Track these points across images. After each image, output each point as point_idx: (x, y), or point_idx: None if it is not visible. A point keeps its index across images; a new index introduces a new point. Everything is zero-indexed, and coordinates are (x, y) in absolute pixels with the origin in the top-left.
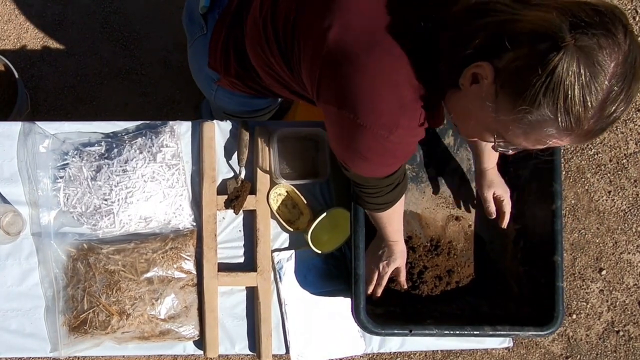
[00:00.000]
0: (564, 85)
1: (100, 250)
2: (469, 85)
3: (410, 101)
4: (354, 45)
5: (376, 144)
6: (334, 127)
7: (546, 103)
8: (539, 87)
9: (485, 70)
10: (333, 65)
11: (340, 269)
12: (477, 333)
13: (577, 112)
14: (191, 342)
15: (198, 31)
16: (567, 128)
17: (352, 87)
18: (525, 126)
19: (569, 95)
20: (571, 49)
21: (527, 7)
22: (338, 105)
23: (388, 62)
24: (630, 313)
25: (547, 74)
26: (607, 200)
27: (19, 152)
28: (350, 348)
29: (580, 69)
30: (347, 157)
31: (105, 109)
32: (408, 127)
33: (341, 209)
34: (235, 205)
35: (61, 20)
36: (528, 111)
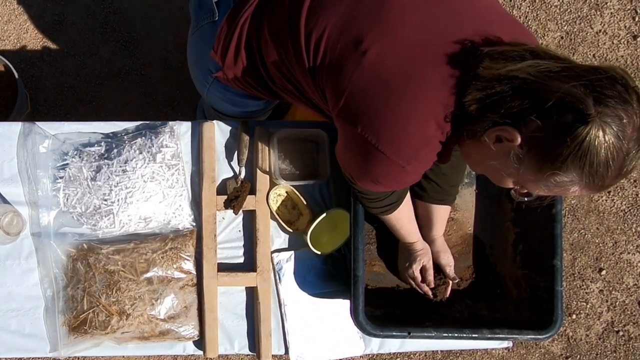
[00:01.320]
0: (591, 153)
1: (100, 250)
2: (492, 143)
3: (433, 137)
4: (391, 72)
5: (390, 172)
6: (350, 145)
7: (573, 168)
8: (567, 155)
9: (511, 135)
10: (364, 89)
11: (340, 270)
12: (475, 336)
13: (601, 174)
14: (191, 342)
15: (207, 17)
16: (589, 186)
17: (381, 114)
18: (550, 184)
19: (594, 162)
20: (597, 122)
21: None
22: (362, 127)
23: (423, 95)
24: (630, 313)
25: (575, 144)
26: (607, 201)
27: (18, 152)
28: (350, 348)
29: (605, 139)
30: (356, 174)
31: (105, 109)
32: (424, 161)
33: (341, 210)
34: (234, 205)
35: (61, 20)
36: (555, 174)
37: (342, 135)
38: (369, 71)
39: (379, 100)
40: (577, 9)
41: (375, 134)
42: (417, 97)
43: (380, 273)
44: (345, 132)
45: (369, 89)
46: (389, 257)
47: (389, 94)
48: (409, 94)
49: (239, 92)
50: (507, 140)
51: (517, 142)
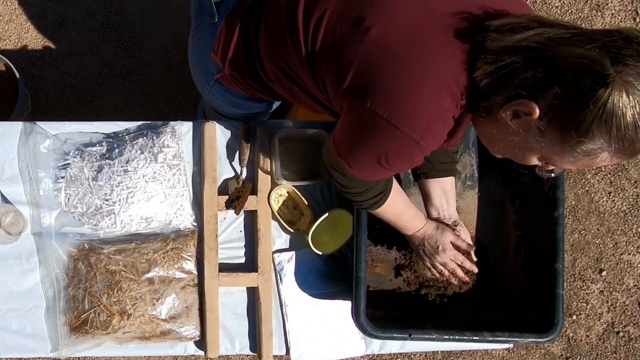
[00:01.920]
0: (617, 116)
1: (101, 250)
2: (510, 119)
3: (447, 110)
4: (398, 44)
5: (402, 148)
6: (357, 124)
7: (600, 133)
8: (592, 121)
9: (529, 108)
10: (373, 63)
11: (341, 271)
12: (476, 339)
13: (630, 136)
14: (192, 343)
15: (207, 19)
16: (619, 151)
17: (392, 87)
18: (577, 154)
19: (621, 124)
20: (618, 82)
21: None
22: (372, 102)
23: (433, 67)
24: (630, 314)
25: (598, 108)
26: (608, 201)
27: (20, 152)
28: (351, 349)
29: (630, 98)
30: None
31: (106, 109)
32: (438, 137)
33: (342, 211)
34: (236, 205)
35: (62, 20)
36: (581, 142)
37: (347, 116)
38: (375, 45)
39: (389, 73)
40: (578, 10)
41: (387, 108)
42: (428, 69)
43: (381, 274)
44: (351, 111)
45: (377, 62)
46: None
47: (399, 66)
48: (420, 66)
49: (240, 94)
50: (525, 114)
51: (536, 115)
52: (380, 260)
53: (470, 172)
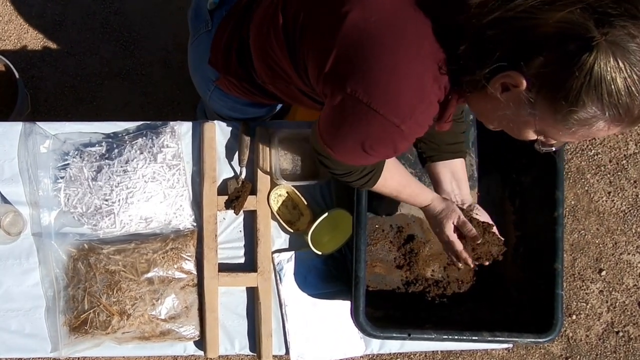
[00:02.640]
0: (606, 81)
1: (101, 250)
2: (500, 93)
3: (430, 93)
4: (376, 28)
5: (384, 134)
6: (337, 112)
7: (590, 101)
8: (580, 88)
9: (515, 80)
10: (351, 48)
11: (341, 271)
12: (475, 339)
13: (625, 103)
14: (191, 343)
15: (203, 27)
16: (615, 119)
17: (371, 70)
18: (572, 124)
19: (613, 90)
20: (604, 45)
21: (545, 10)
22: (351, 87)
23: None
24: (630, 314)
25: (585, 74)
26: (607, 201)
27: (19, 152)
28: (350, 349)
29: (618, 62)
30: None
31: (105, 109)
32: (420, 121)
33: (341, 210)
34: (235, 205)
35: (61, 20)
36: (573, 111)
37: (329, 102)
38: (354, 30)
39: (368, 58)
40: None
41: (367, 92)
42: (407, 52)
43: (381, 274)
44: (333, 97)
45: (356, 47)
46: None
47: (377, 50)
48: (399, 49)
49: (239, 100)
50: (513, 86)
51: (523, 86)
52: (379, 260)
53: (470, 172)
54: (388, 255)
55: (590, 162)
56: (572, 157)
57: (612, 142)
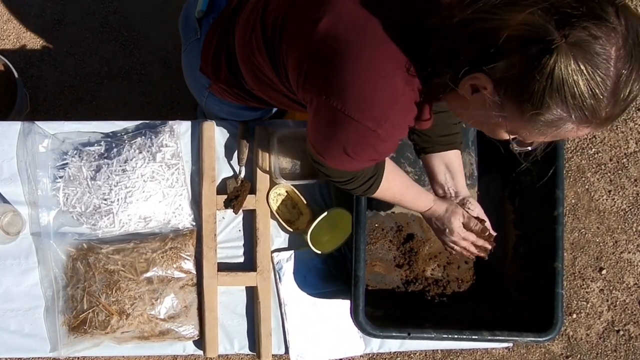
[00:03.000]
0: (568, 84)
1: (100, 250)
2: (470, 94)
3: (402, 94)
4: (347, 34)
5: (361, 139)
6: (317, 118)
7: (555, 103)
8: (542, 91)
9: (482, 82)
10: (324, 54)
11: (340, 270)
12: (475, 338)
13: (590, 105)
14: (191, 342)
15: (192, 35)
16: (583, 121)
17: (343, 76)
18: (541, 126)
19: (576, 93)
20: (564, 48)
21: (510, 10)
22: (326, 94)
23: (382, 51)
24: (630, 312)
25: (546, 77)
26: (608, 200)
27: (18, 151)
28: (350, 348)
29: (579, 64)
30: (327, 152)
31: (104, 109)
32: (396, 124)
33: (341, 210)
34: (234, 205)
35: (61, 20)
36: (539, 114)
37: (310, 110)
38: (327, 35)
39: (340, 64)
40: None
41: (340, 99)
42: (377, 57)
43: (380, 273)
44: (312, 105)
45: (329, 53)
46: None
47: (348, 56)
48: (370, 54)
49: (234, 104)
50: (483, 88)
51: (490, 89)
52: (379, 259)
53: (470, 171)
54: (388, 255)
55: (590, 160)
56: (573, 156)
57: (612, 141)
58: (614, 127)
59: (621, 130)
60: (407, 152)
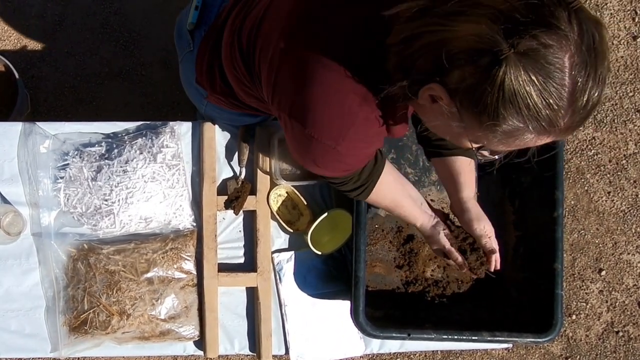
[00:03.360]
0: (520, 95)
1: (101, 250)
2: (430, 104)
3: (358, 113)
4: (304, 52)
5: (325, 155)
6: (288, 134)
7: (509, 115)
8: (496, 103)
9: (438, 92)
10: (286, 74)
11: (340, 271)
12: (475, 338)
13: (546, 115)
14: (191, 343)
15: (186, 47)
16: (542, 131)
17: (301, 97)
18: (500, 136)
19: (529, 104)
20: (512, 59)
21: (457, 21)
22: (289, 113)
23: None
24: (629, 314)
25: (497, 89)
26: (607, 201)
27: (19, 152)
28: (350, 349)
29: (530, 75)
30: (304, 163)
31: (105, 109)
32: (356, 139)
33: (341, 211)
34: (235, 205)
35: (61, 20)
36: (496, 124)
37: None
38: (288, 54)
39: (298, 84)
40: None
41: (301, 119)
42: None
43: (380, 274)
44: (281, 121)
45: (289, 75)
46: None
47: (304, 77)
48: (323, 75)
49: (233, 112)
50: (438, 99)
51: (446, 99)
52: (379, 260)
53: None
54: (388, 255)
55: (590, 162)
56: (572, 157)
57: (611, 142)
58: (613, 129)
59: (620, 131)
60: (407, 153)
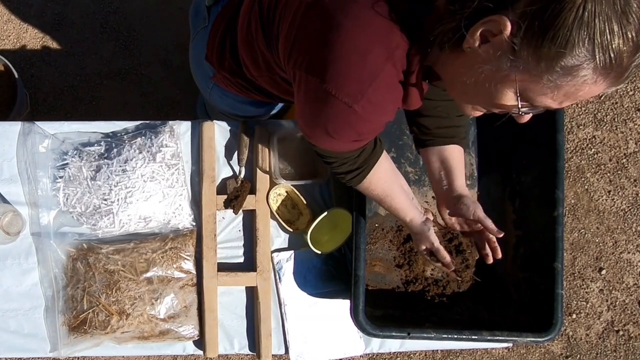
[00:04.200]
0: (600, 17)
1: (100, 250)
2: (478, 46)
3: (382, 70)
4: (331, 7)
5: (339, 116)
6: (301, 95)
7: (581, 41)
8: (572, 25)
9: (499, 24)
10: (308, 26)
11: (340, 270)
12: (475, 338)
13: (618, 46)
14: (191, 342)
15: (201, 23)
16: (605, 66)
17: (323, 49)
18: (557, 75)
19: (606, 29)
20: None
21: None
22: (306, 68)
23: (364, 26)
24: (630, 312)
25: (577, 7)
26: (607, 200)
27: (18, 152)
28: (350, 348)
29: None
30: (311, 132)
31: (104, 109)
32: (375, 102)
33: (341, 210)
34: (234, 205)
35: (61, 20)
36: (561, 55)
37: (294, 85)
38: (311, 8)
39: (321, 38)
40: None
41: (320, 72)
42: (357, 28)
43: (380, 273)
44: (295, 79)
45: (311, 26)
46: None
47: (329, 30)
48: (350, 25)
49: (238, 97)
50: (494, 34)
51: (508, 30)
52: (379, 259)
53: (470, 171)
54: (387, 254)
55: (590, 160)
56: (572, 156)
57: (612, 141)
58: (613, 128)
59: (621, 130)
60: (407, 152)
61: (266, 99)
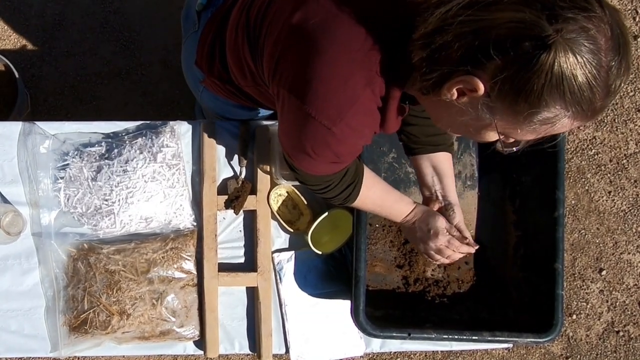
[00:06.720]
0: (567, 79)
1: (101, 250)
2: (456, 98)
3: (360, 96)
4: (316, 27)
5: (318, 136)
6: (284, 112)
7: (553, 100)
8: (541, 89)
9: (472, 84)
10: (292, 47)
11: (341, 270)
12: (475, 338)
13: (587, 97)
14: (191, 342)
15: (191, 28)
16: (579, 114)
17: (305, 70)
18: (535, 124)
19: (575, 86)
20: (560, 42)
21: (492, 11)
22: (289, 88)
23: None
24: (630, 313)
25: (545, 74)
26: (607, 201)
27: (19, 152)
28: (351, 348)
29: (577, 57)
30: (292, 152)
31: (105, 109)
32: (353, 125)
33: (341, 210)
34: (235, 205)
35: (61, 20)
36: (535, 112)
37: (277, 105)
38: (296, 29)
39: (303, 59)
40: None
41: (301, 93)
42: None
43: (381, 274)
44: (278, 100)
45: (295, 47)
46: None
47: (312, 51)
48: (332, 51)
49: (227, 102)
50: (470, 91)
51: (481, 91)
52: (379, 259)
53: (471, 172)
54: (388, 255)
55: (590, 161)
56: (573, 157)
57: (612, 142)
58: (613, 129)
59: (621, 131)
60: (402, 157)
61: (254, 105)
